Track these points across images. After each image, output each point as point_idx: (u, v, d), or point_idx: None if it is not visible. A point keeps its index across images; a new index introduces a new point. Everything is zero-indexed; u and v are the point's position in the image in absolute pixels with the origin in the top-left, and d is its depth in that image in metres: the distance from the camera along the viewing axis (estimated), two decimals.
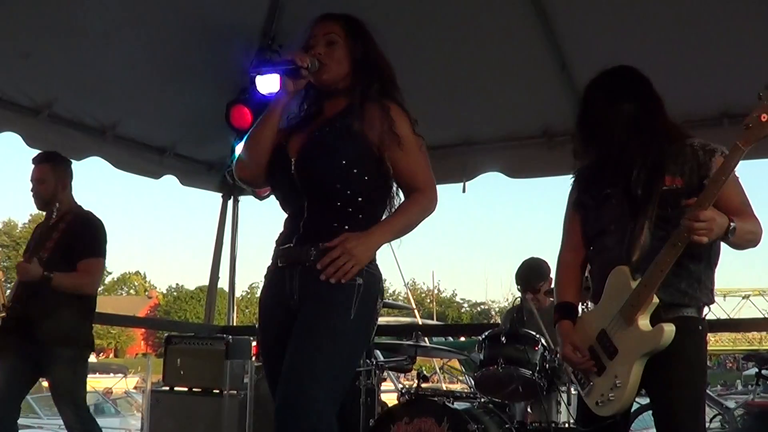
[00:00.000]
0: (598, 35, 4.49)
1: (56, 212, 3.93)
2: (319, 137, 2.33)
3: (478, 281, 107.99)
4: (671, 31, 4.30)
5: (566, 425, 3.78)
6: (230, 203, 6.13)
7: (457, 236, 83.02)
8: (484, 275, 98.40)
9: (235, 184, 5.66)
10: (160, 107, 5.18)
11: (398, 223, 2.32)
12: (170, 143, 5.49)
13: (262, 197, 5.56)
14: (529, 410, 4.07)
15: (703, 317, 2.44)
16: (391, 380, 8.51)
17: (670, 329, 2.29)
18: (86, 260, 3.86)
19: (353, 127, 2.29)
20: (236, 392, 4.57)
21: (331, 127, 2.34)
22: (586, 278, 2.67)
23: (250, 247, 6.74)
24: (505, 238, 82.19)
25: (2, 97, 4.41)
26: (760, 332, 29.35)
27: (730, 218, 2.25)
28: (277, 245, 2.35)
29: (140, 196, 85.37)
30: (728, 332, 28.18)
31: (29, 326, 3.74)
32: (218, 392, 4.64)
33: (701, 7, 4.18)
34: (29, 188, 4.01)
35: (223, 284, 6.27)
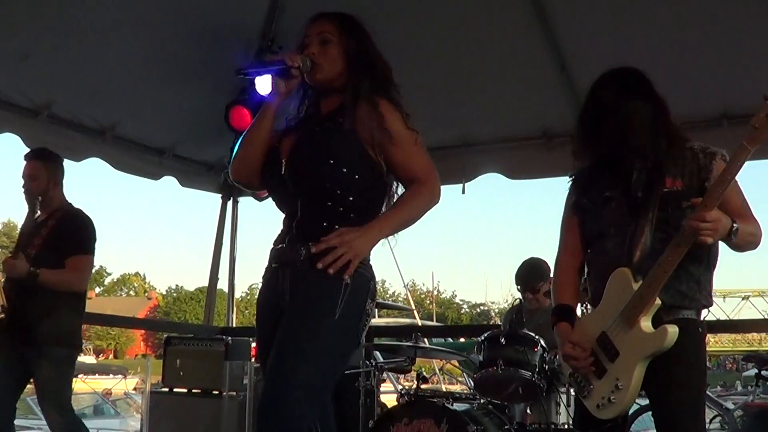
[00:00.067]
0: (597, 36, 4.49)
1: (38, 206, 3.89)
2: (308, 137, 2.31)
3: (477, 282, 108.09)
4: (671, 31, 4.29)
5: (566, 426, 3.78)
6: (230, 204, 6.13)
7: (456, 237, 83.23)
8: (483, 276, 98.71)
9: (234, 185, 5.65)
10: (159, 108, 5.17)
11: (398, 215, 2.27)
12: (170, 144, 5.49)
13: (261, 198, 5.55)
14: (528, 411, 4.07)
15: (702, 319, 2.44)
16: (390, 381, 8.51)
17: (673, 330, 2.29)
18: (74, 257, 3.84)
19: (343, 125, 2.25)
20: (236, 393, 4.58)
21: (321, 126, 2.32)
22: (583, 281, 2.66)
23: (249, 248, 6.72)
24: (504, 238, 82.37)
25: (1, 97, 4.41)
26: (759, 333, 29.37)
27: (732, 219, 2.26)
28: (273, 246, 2.34)
29: (140, 197, 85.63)
30: (728, 333, 28.26)
31: (18, 324, 3.69)
32: (218, 393, 4.65)
33: (701, 7, 4.17)
34: (21, 185, 3.97)
35: (222, 285, 6.30)
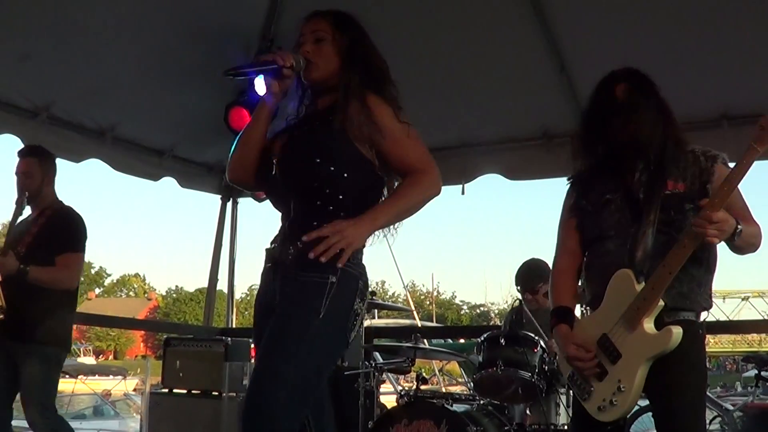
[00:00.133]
0: (597, 37, 4.49)
1: (26, 202, 3.88)
2: (297, 137, 2.30)
3: (477, 283, 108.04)
4: (671, 31, 4.29)
5: (565, 427, 3.78)
6: (229, 205, 6.13)
7: (456, 238, 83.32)
8: (483, 277, 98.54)
9: (232, 185, 5.65)
10: (158, 109, 5.17)
11: (393, 205, 2.22)
12: (169, 145, 5.49)
13: (261, 199, 5.55)
14: (528, 412, 4.06)
15: (701, 321, 2.44)
16: (390, 382, 8.51)
17: (678, 331, 2.29)
18: (64, 255, 3.83)
19: (333, 124, 2.21)
20: (235, 394, 4.57)
21: (310, 125, 2.31)
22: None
23: (249, 249, 6.70)
24: (504, 239, 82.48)
25: (1, 98, 4.41)
26: (759, 334, 29.33)
27: (737, 221, 2.27)
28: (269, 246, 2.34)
29: (139, 198, 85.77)
30: (728, 334, 28.22)
31: (8, 322, 3.66)
32: (217, 394, 4.64)
33: (701, 7, 4.17)
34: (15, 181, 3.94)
35: (222, 286, 6.30)
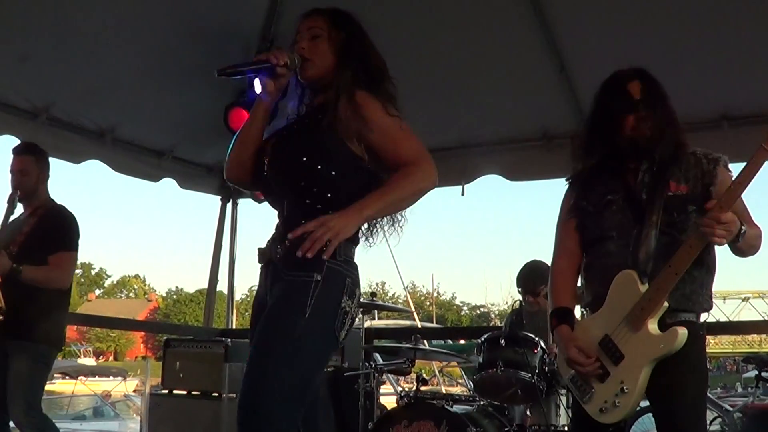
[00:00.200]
0: (597, 37, 4.49)
1: (17, 200, 3.87)
2: (286, 136, 2.29)
3: (477, 284, 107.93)
4: (671, 32, 4.29)
5: (565, 428, 3.77)
6: (229, 206, 6.14)
7: (456, 239, 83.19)
8: (483, 278, 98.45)
9: (232, 186, 5.65)
10: (158, 110, 5.17)
11: (382, 196, 2.15)
12: (169, 146, 5.49)
13: (260, 200, 5.54)
14: (528, 413, 4.06)
15: (702, 322, 2.44)
16: (390, 383, 8.50)
17: (683, 332, 2.28)
18: (57, 254, 3.83)
19: (322, 122, 2.18)
20: (235, 395, 4.56)
21: (299, 124, 2.30)
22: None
23: (249, 249, 6.70)
24: (504, 240, 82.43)
25: (1, 99, 4.41)
26: (759, 335, 29.29)
27: (740, 222, 2.27)
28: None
29: (139, 199, 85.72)
30: (728, 335, 28.19)
31: (3, 322, 3.64)
32: (217, 395, 4.65)
33: (701, 7, 4.17)
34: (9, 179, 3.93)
35: (222, 287, 6.30)
